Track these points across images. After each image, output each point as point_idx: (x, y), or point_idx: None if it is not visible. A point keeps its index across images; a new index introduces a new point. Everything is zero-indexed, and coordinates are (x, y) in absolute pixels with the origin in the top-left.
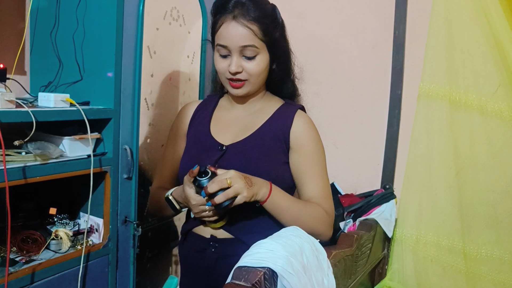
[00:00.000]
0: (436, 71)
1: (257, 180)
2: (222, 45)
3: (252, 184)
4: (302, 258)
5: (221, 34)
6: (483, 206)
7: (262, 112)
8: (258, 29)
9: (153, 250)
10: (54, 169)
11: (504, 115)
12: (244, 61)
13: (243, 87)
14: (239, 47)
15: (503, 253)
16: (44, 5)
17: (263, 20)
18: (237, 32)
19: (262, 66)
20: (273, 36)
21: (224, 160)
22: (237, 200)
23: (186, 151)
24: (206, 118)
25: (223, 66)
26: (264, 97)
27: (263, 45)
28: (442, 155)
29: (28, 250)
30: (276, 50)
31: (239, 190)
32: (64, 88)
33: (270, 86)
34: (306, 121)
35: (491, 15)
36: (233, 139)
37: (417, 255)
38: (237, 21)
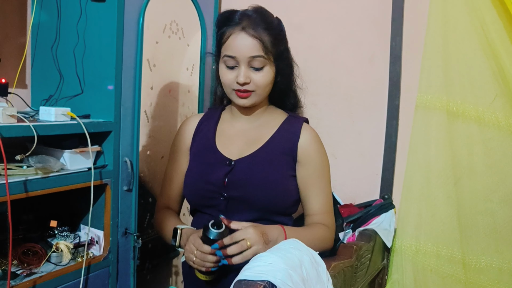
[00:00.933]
0: (433, 82)
1: (272, 233)
2: (230, 56)
3: (269, 241)
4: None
5: (229, 45)
6: (481, 215)
7: (267, 125)
8: (266, 41)
9: (153, 261)
10: (55, 182)
11: (501, 125)
12: (252, 72)
13: (250, 98)
14: (248, 58)
15: (502, 262)
16: (45, 20)
17: (270, 32)
18: (246, 43)
19: (269, 78)
20: (279, 48)
21: (233, 175)
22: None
23: (191, 167)
24: (210, 132)
25: (229, 78)
26: (267, 109)
27: (270, 57)
28: (440, 165)
29: (29, 263)
30: (281, 63)
31: (257, 251)
32: (65, 102)
33: (272, 98)
34: (312, 135)
35: (487, 26)
36: (240, 153)
37: (417, 265)
38: (246, 32)
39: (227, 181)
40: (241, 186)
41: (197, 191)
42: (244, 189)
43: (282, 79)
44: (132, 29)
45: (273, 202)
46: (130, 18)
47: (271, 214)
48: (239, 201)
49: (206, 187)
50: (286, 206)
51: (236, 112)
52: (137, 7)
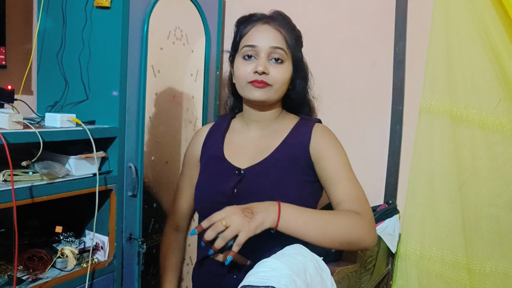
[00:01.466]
0: (437, 86)
1: (260, 207)
2: (251, 45)
3: (253, 214)
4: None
5: (250, 35)
6: (486, 220)
7: (278, 131)
8: (288, 37)
9: (157, 266)
10: (60, 188)
11: (505, 130)
12: (271, 65)
13: (265, 90)
14: (269, 48)
15: (508, 268)
16: (51, 27)
17: (293, 31)
18: (269, 34)
19: (287, 75)
20: (298, 53)
21: (242, 184)
22: (239, 239)
23: (201, 178)
24: (218, 141)
25: (246, 69)
26: (280, 115)
27: (290, 54)
28: (444, 169)
29: (35, 268)
30: (299, 68)
31: (238, 228)
32: (70, 108)
33: (287, 106)
34: (323, 131)
35: (489, 30)
36: (250, 162)
37: (422, 270)
38: (270, 25)
39: (236, 191)
40: (251, 196)
41: (206, 202)
42: (255, 199)
43: (299, 85)
44: (136, 35)
45: None
46: (134, 24)
47: None
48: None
49: (215, 198)
50: None
51: (247, 119)
52: (141, 14)
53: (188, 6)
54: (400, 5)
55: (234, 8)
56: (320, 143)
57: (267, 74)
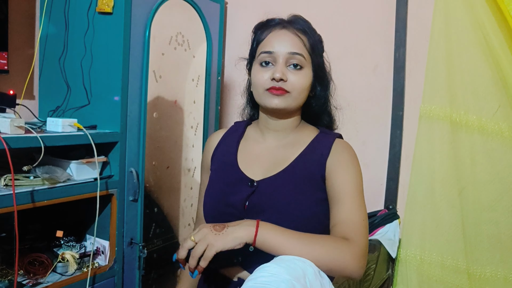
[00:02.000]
0: (437, 92)
1: (235, 223)
2: (268, 52)
3: (223, 228)
4: (305, 281)
5: (268, 41)
6: (486, 225)
7: (295, 143)
8: (308, 42)
9: (158, 271)
10: (62, 193)
11: (504, 135)
12: (290, 71)
13: (283, 98)
14: (287, 54)
15: (508, 272)
16: (53, 32)
17: (313, 36)
18: (287, 39)
19: (307, 82)
20: (318, 58)
21: (255, 198)
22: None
23: (210, 185)
24: (232, 148)
25: (263, 76)
26: (299, 126)
27: (310, 60)
28: (444, 175)
29: (35, 273)
30: (320, 74)
31: (206, 243)
32: (71, 112)
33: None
34: (344, 147)
35: (489, 37)
36: (265, 173)
37: (422, 275)
38: (288, 29)
39: (248, 205)
40: (263, 211)
41: (214, 213)
42: (266, 214)
43: (319, 92)
44: (138, 41)
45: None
46: (136, 30)
47: None
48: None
49: (224, 209)
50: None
51: (264, 127)
52: (143, 20)
53: (189, 12)
54: (400, 11)
55: (235, 14)
56: (337, 158)
57: (285, 80)
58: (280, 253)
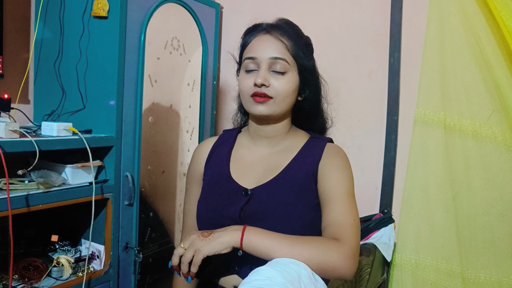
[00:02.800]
0: (431, 97)
1: (222, 229)
2: (251, 57)
3: (210, 233)
4: (299, 285)
5: (251, 47)
6: (480, 229)
7: (287, 149)
8: (291, 46)
9: (154, 276)
10: (57, 197)
11: (498, 140)
12: (273, 76)
13: (267, 105)
14: (269, 59)
15: (502, 277)
16: (48, 37)
17: (297, 39)
18: (269, 44)
19: (291, 86)
20: (306, 61)
21: (249, 207)
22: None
23: (203, 197)
24: (224, 158)
25: (248, 82)
26: (289, 132)
27: (294, 64)
28: (439, 179)
29: (30, 277)
30: (308, 78)
31: (193, 248)
32: (67, 117)
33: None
34: (336, 151)
35: (482, 43)
36: (258, 181)
37: (417, 279)
38: (271, 34)
39: (242, 214)
40: (259, 219)
41: (210, 226)
42: (263, 223)
43: (308, 96)
44: (134, 45)
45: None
46: (132, 34)
47: None
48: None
49: (220, 221)
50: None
51: (255, 134)
52: (138, 24)
53: (185, 17)
54: (395, 17)
55: (231, 18)
56: (329, 161)
57: (267, 86)
58: (270, 256)
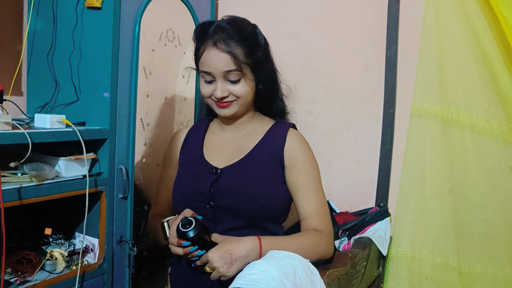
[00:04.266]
0: (428, 90)
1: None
2: (206, 72)
3: (232, 260)
4: (295, 279)
5: (204, 61)
6: (476, 223)
7: (253, 133)
8: (240, 53)
9: (148, 269)
10: (50, 190)
11: (495, 133)
12: (229, 84)
13: (231, 107)
14: (223, 73)
15: (497, 270)
16: (41, 28)
17: (244, 43)
18: (219, 58)
19: (248, 89)
20: (256, 57)
21: (219, 184)
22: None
23: (179, 177)
24: (198, 142)
25: (208, 91)
26: (254, 117)
27: (247, 67)
28: (435, 172)
29: (23, 271)
30: (261, 71)
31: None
32: (60, 109)
33: (259, 106)
34: (299, 139)
35: (479, 35)
36: (227, 162)
37: (412, 272)
38: (218, 48)
39: (213, 190)
40: (227, 195)
41: (184, 201)
42: (230, 198)
43: (264, 86)
44: (128, 36)
45: (260, 211)
46: (126, 25)
47: (259, 221)
48: (225, 210)
49: (193, 196)
50: (275, 215)
51: (222, 123)
52: (133, 15)
53: (180, 8)
54: (392, 9)
55: (226, 10)
56: (294, 150)
57: (226, 96)
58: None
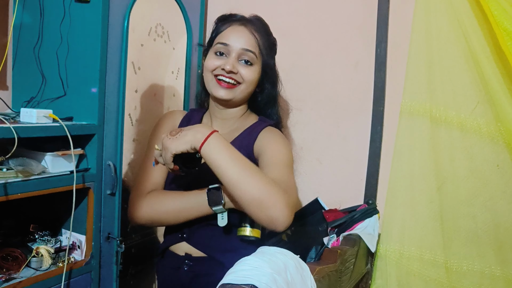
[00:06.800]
0: (417, 88)
1: (192, 127)
2: (223, 43)
3: (178, 132)
4: (286, 275)
5: (225, 34)
6: (464, 220)
7: (236, 130)
8: (262, 42)
9: (136, 266)
10: (36, 186)
11: (482, 132)
12: (240, 65)
13: (232, 90)
14: (241, 49)
15: (484, 266)
16: (27, 21)
17: (267, 38)
18: (243, 35)
19: (256, 77)
20: (270, 58)
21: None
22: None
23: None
24: None
25: (215, 63)
26: (243, 115)
27: (261, 58)
28: (424, 170)
29: (8, 268)
30: (269, 73)
31: (164, 148)
32: (47, 104)
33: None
34: (271, 132)
35: (468, 34)
36: None
37: (401, 269)
38: (246, 27)
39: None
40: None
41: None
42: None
43: (267, 89)
44: (116, 31)
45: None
46: (115, 20)
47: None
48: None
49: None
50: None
51: (213, 115)
52: (122, 9)
53: (170, 3)
54: (382, 7)
55: (216, 6)
56: (263, 142)
57: (235, 73)
58: (220, 167)
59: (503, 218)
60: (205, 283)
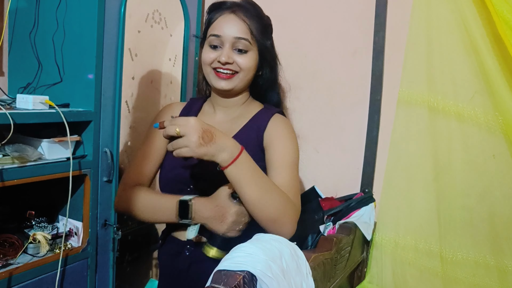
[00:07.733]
0: (415, 77)
1: (223, 139)
2: (216, 35)
3: (210, 141)
4: (281, 262)
5: (216, 24)
6: (459, 210)
7: (241, 117)
8: (254, 27)
9: (133, 253)
10: (33, 172)
11: (480, 121)
12: (236, 54)
13: (231, 80)
14: (233, 38)
15: (478, 256)
16: (23, 6)
17: (260, 20)
18: (234, 24)
19: (253, 63)
20: (265, 41)
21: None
22: (181, 151)
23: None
24: None
25: (211, 57)
26: (246, 102)
27: (255, 44)
28: (421, 160)
29: (5, 254)
30: (266, 56)
31: (186, 144)
32: (43, 90)
33: (255, 95)
34: (281, 121)
35: (468, 23)
36: None
37: (396, 258)
38: (236, 15)
39: (192, 173)
40: (205, 179)
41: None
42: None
43: (265, 73)
44: (113, 17)
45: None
46: (111, 5)
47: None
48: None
49: (177, 177)
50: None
51: (215, 103)
52: None
53: None
54: None
55: None
56: (273, 131)
57: (231, 63)
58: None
59: (498, 209)
60: (204, 268)
